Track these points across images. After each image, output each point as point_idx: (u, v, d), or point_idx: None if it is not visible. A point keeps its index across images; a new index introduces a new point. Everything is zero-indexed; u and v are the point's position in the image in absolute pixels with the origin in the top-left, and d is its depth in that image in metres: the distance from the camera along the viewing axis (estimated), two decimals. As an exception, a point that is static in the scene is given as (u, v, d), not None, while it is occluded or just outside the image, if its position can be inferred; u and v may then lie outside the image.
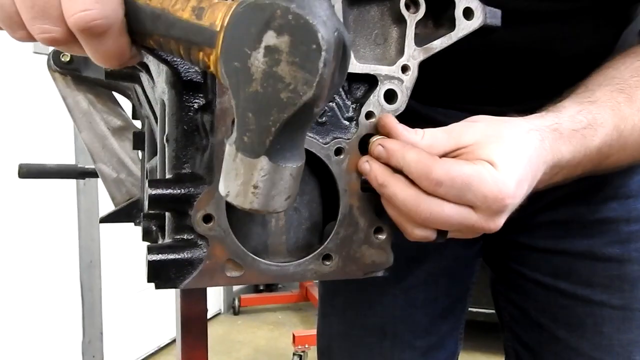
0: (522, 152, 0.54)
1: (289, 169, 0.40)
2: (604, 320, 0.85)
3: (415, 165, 0.52)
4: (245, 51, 0.36)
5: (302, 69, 0.35)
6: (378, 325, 0.96)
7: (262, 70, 0.36)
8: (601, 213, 0.86)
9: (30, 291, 2.31)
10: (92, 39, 0.40)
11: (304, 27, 0.35)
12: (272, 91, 0.36)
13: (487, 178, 0.51)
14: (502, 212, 0.53)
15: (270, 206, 0.40)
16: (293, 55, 0.35)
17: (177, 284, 0.50)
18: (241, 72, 0.37)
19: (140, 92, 0.76)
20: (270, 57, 0.36)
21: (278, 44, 0.35)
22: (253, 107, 0.37)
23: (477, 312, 2.54)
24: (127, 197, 0.99)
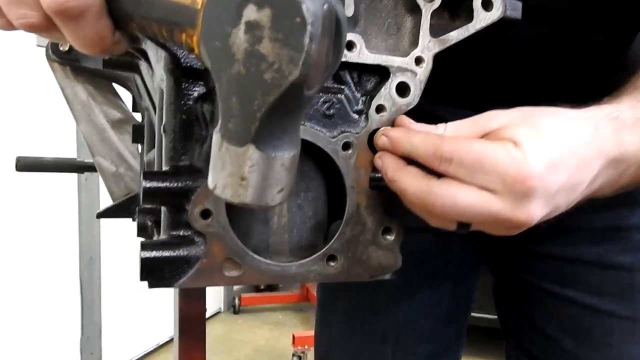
0: (562, 136, 0.47)
1: (280, 158, 0.36)
2: (613, 331, 0.82)
3: (422, 146, 0.48)
4: (225, 29, 0.33)
5: (286, 45, 0.32)
6: (380, 331, 0.94)
7: (243, 49, 0.33)
8: (612, 220, 0.83)
9: (30, 287, 2.29)
10: (69, 23, 0.38)
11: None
12: (256, 72, 0.33)
13: (503, 156, 0.45)
14: (530, 198, 0.46)
15: (261, 199, 0.37)
16: (276, 31, 0.32)
17: (171, 283, 0.47)
18: (222, 53, 0.34)
19: (140, 82, 0.73)
20: (251, 34, 0.32)
21: (259, 19, 0.32)
22: (236, 91, 0.34)
23: (480, 317, 2.51)
24: (126, 191, 0.97)
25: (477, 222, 0.49)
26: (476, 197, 0.46)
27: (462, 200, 0.46)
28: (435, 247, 0.90)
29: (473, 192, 0.46)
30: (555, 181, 0.46)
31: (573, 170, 0.47)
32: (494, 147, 0.46)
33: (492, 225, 0.49)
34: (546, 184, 0.46)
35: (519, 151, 0.45)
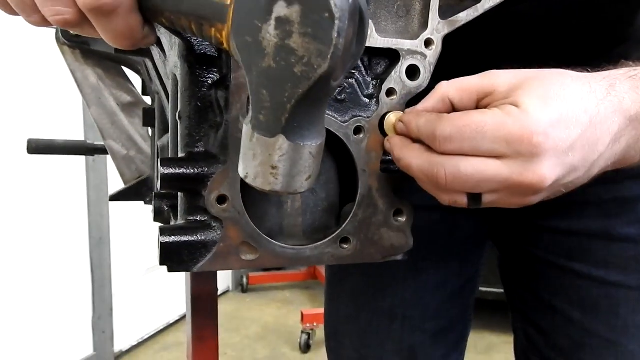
0: (570, 93, 0.46)
1: (308, 147, 0.37)
2: (619, 301, 0.83)
3: (424, 127, 0.48)
4: (255, 24, 0.34)
5: (315, 40, 0.33)
6: (388, 308, 0.95)
7: (274, 43, 0.34)
8: (618, 192, 0.83)
9: (41, 267, 2.32)
10: (102, 18, 0.39)
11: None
12: (286, 65, 0.34)
13: (505, 120, 0.45)
14: (539, 157, 0.44)
15: (291, 187, 0.38)
16: (305, 26, 0.33)
17: (190, 267, 0.48)
18: (253, 47, 0.35)
19: (151, 66, 0.73)
20: (281, 29, 0.33)
21: (289, 14, 0.33)
22: (267, 83, 0.35)
23: (486, 291, 2.53)
24: (137, 175, 0.98)
25: (486, 190, 0.47)
26: (481, 163, 0.45)
27: (465, 168, 0.46)
28: (442, 225, 0.91)
29: (478, 160, 0.45)
30: (565, 137, 0.45)
31: (587, 127, 0.45)
32: (493, 113, 0.46)
33: (504, 195, 0.48)
34: (555, 141, 0.44)
35: (522, 112, 0.45)
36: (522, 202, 0.49)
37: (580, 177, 0.48)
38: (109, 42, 0.41)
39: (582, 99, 0.46)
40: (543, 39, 0.75)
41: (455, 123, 0.46)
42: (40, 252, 2.30)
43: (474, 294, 1.04)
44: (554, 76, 0.48)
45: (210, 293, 1.04)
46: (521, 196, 0.48)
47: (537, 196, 0.48)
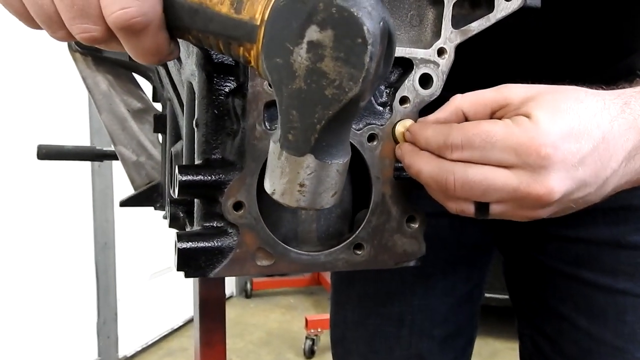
0: (582, 108, 0.46)
1: (336, 165, 0.38)
2: (627, 308, 0.83)
3: (433, 138, 0.49)
4: (287, 47, 0.34)
5: (347, 64, 0.34)
6: (396, 314, 0.95)
7: (305, 66, 0.34)
8: (626, 200, 0.83)
9: (47, 272, 2.32)
10: (131, 37, 0.39)
11: (348, 21, 0.33)
12: (317, 88, 0.34)
13: (514, 130, 0.45)
14: (547, 169, 0.44)
15: (317, 203, 0.39)
16: (337, 50, 0.33)
17: (207, 273, 0.48)
18: (283, 69, 0.35)
19: (164, 73, 0.74)
20: (313, 53, 0.34)
21: (321, 39, 0.33)
22: (297, 104, 0.36)
23: (491, 297, 2.53)
24: (147, 180, 0.98)
25: (494, 200, 0.47)
26: (490, 172, 0.46)
27: (474, 175, 0.46)
28: (450, 231, 0.91)
29: (487, 168, 0.46)
30: (575, 151, 0.44)
31: (599, 142, 0.45)
32: (503, 123, 0.46)
33: (512, 206, 0.48)
34: (564, 154, 0.44)
35: (532, 123, 0.45)
36: (531, 215, 0.49)
37: (592, 193, 0.48)
38: (135, 58, 0.42)
39: (596, 114, 0.46)
40: (553, 49, 0.76)
41: (466, 131, 0.47)
42: (45, 256, 2.30)
43: (481, 300, 1.04)
44: (568, 91, 0.48)
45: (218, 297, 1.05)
46: (529, 209, 0.48)
47: (546, 210, 0.48)
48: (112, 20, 0.38)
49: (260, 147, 0.49)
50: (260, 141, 0.49)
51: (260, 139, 0.49)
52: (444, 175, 0.47)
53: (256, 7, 0.36)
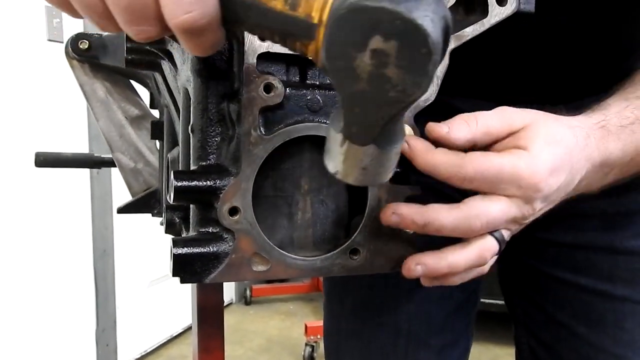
0: (562, 143, 0.53)
1: (394, 149, 0.41)
2: (626, 315, 0.83)
3: (443, 166, 0.52)
4: (349, 52, 0.34)
5: (411, 72, 0.34)
6: (392, 323, 0.93)
7: (368, 71, 0.34)
8: (622, 205, 0.84)
9: (45, 280, 2.32)
10: (192, 37, 0.39)
11: (412, 32, 0.33)
12: (380, 91, 0.35)
13: (521, 164, 0.51)
14: (536, 198, 0.53)
15: (377, 181, 0.43)
16: (401, 59, 0.34)
17: (202, 278, 0.48)
18: (346, 71, 0.35)
19: (161, 80, 0.74)
20: (377, 60, 0.34)
21: (385, 48, 0.33)
22: (360, 104, 0.37)
23: (490, 303, 2.53)
24: (145, 187, 0.98)
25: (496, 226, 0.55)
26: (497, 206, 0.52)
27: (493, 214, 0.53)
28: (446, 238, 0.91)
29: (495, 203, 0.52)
30: (556, 182, 0.53)
31: (568, 173, 0.54)
32: (509, 159, 0.52)
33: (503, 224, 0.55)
34: (550, 186, 0.53)
35: (531, 157, 0.52)
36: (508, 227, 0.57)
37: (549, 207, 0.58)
38: (191, 52, 0.42)
39: (570, 148, 0.54)
40: (550, 53, 0.76)
41: (479, 166, 0.51)
42: (44, 263, 2.30)
43: (476, 308, 1.03)
44: (553, 123, 0.55)
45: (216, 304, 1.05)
46: (512, 223, 0.56)
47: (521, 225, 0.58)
48: (175, 24, 0.38)
49: (256, 152, 0.49)
50: (255, 146, 0.49)
51: (256, 145, 0.49)
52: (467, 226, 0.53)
53: (312, 5, 0.36)
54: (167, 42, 0.56)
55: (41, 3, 2.24)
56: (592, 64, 0.78)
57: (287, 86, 0.51)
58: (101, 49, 0.89)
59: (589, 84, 0.78)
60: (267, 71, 0.50)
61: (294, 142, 0.51)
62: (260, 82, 0.48)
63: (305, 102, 0.52)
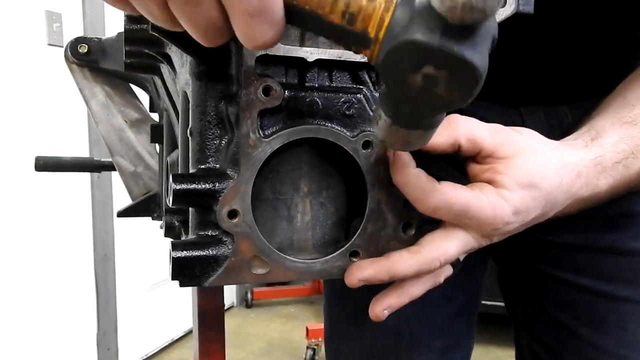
0: (540, 186, 0.54)
1: (435, 129, 0.45)
2: (628, 316, 0.83)
3: (413, 190, 0.52)
4: (402, 72, 0.37)
5: (459, 92, 0.37)
6: (394, 327, 0.92)
7: (418, 87, 0.37)
8: (624, 207, 0.84)
9: (46, 284, 2.32)
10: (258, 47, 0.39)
11: (463, 67, 0.35)
12: (428, 101, 0.38)
13: (486, 205, 0.52)
14: (496, 235, 0.55)
15: (416, 147, 0.47)
16: (451, 84, 0.36)
17: (202, 282, 0.48)
18: (398, 83, 0.38)
19: (160, 84, 0.74)
20: (427, 81, 0.37)
21: (436, 75, 0.36)
22: (409, 105, 0.40)
23: (491, 305, 2.52)
24: (145, 190, 0.98)
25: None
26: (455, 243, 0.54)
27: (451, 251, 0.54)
28: None
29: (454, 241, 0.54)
30: (520, 221, 0.54)
31: (539, 211, 0.55)
32: (477, 196, 0.52)
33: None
34: (511, 225, 0.54)
35: (498, 198, 0.52)
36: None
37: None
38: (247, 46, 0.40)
39: (550, 192, 0.54)
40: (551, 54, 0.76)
41: (447, 199, 0.51)
42: (45, 268, 2.30)
43: (477, 310, 1.03)
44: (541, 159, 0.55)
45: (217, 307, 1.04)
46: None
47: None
48: (252, 47, 0.38)
49: (255, 155, 0.49)
50: (254, 149, 0.49)
51: (255, 147, 0.49)
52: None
53: (368, 21, 0.38)
54: (165, 45, 0.56)
55: (41, 7, 2.24)
56: (594, 64, 0.78)
57: (286, 89, 0.51)
58: (100, 52, 0.89)
59: (591, 84, 0.78)
60: (265, 74, 0.50)
61: (293, 145, 0.51)
62: (259, 85, 0.48)
63: (304, 105, 0.52)
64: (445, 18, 0.34)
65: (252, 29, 0.37)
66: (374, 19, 0.38)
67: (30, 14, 2.21)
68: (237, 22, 0.37)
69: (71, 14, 2.37)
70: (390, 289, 0.57)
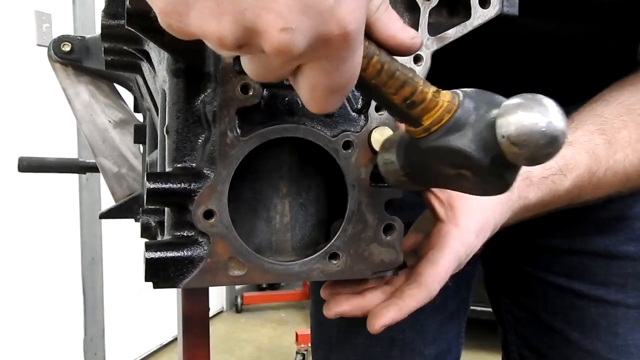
0: (488, 207, 0.61)
1: None
2: (619, 320, 0.83)
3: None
4: (440, 164, 0.41)
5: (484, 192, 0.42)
6: (386, 334, 0.89)
7: (449, 175, 0.41)
8: (617, 210, 0.84)
9: (32, 288, 2.29)
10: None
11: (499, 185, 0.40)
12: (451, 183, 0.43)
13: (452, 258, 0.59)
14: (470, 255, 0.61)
15: None
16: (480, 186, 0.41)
17: (176, 284, 0.47)
18: (431, 164, 0.42)
19: (142, 83, 0.73)
20: (460, 176, 0.41)
21: (471, 178, 0.40)
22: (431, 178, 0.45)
23: (481, 310, 2.51)
24: (128, 192, 0.97)
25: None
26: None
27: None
28: None
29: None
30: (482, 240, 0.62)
31: (492, 227, 0.62)
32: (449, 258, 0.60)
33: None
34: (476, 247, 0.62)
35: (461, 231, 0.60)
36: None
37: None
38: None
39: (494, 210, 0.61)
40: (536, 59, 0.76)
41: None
42: (31, 271, 2.28)
43: (467, 314, 1.02)
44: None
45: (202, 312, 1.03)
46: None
47: None
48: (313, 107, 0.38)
49: (232, 154, 0.48)
50: (231, 148, 0.48)
51: (232, 146, 0.48)
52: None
53: (425, 114, 0.40)
54: (144, 42, 0.55)
55: (31, 8, 2.23)
56: (580, 70, 0.78)
57: (265, 87, 0.50)
58: (84, 51, 0.88)
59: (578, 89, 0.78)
60: (244, 71, 0.49)
61: (273, 144, 0.50)
62: (237, 82, 0.47)
63: (284, 104, 0.51)
64: (504, 153, 0.36)
65: (326, 101, 0.36)
66: (433, 114, 0.40)
67: (20, 14, 2.19)
68: (314, 92, 0.36)
69: (61, 14, 2.36)
70: (390, 303, 0.58)
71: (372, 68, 0.39)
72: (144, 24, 0.45)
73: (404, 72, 0.40)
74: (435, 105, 0.40)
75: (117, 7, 0.55)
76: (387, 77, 0.39)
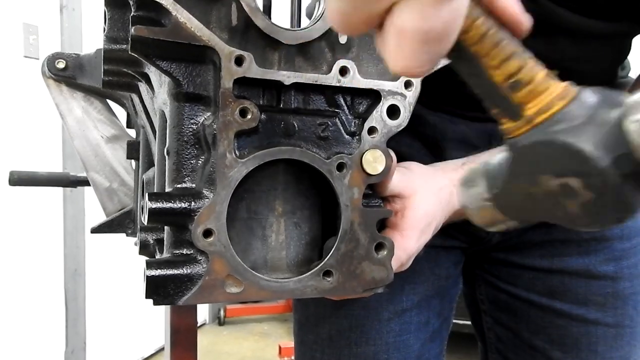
0: (429, 215, 0.65)
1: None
2: (598, 338, 0.85)
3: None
4: (542, 169, 0.33)
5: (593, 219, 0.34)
6: (371, 354, 0.89)
7: (550, 191, 0.33)
8: (598, 231, 0.86)
9: (14, 299, 2.27)
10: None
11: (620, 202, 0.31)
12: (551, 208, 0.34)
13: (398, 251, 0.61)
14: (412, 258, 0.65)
15: None
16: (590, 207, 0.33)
17: (175, 300, 0.49)
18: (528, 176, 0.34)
19: (137, 101, 0.75)
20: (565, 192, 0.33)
21: (580, 192, 0.32)
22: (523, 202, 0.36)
23: (463, 324, 2.53)
24: (120, 207, 0.98)
25: None
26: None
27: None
28: (426, 263, 0.90)
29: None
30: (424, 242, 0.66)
31: (433, 228, 0.67)
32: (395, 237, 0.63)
33: None
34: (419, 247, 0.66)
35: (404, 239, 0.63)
36: None
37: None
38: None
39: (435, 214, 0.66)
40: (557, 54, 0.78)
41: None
42: (13, 282, 2.25)
43: (449, 330, 1.03)
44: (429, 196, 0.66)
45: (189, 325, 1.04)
46: None
47: None
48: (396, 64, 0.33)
49: (230, 175, 0.50)
50: (230, 169, 0.49)
51: (231, 167, 0.49)
52: None
53: (531, 99, 0.34)
54: (144, 65, 0.57)
55: (18, 20, 2.23)
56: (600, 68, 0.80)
57: (263, 110, 0.52)
58: (78, 69, 0.89)
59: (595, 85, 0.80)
60: (243, 95, 0.51)
61: (269, 165, 0.52)
62: (236, 107, 0.49)
63: (280, 127, 0.53)
64: (634, 152, 0.29)
65: (413, 53, 0.31)
66: (541, 100, 0.33)
67: (8, 26, 2.19)
68: (401, 39, 0.30)
69: (48, 26, 2.36)
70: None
71: (475, 30, 0.33)
72: (146, 51, 0.47)
73: (512, 43, 0.34)
74: (545, 90, 0.33)
75: (119, 31, 0.57)
76: (491, 45, 0.33)
